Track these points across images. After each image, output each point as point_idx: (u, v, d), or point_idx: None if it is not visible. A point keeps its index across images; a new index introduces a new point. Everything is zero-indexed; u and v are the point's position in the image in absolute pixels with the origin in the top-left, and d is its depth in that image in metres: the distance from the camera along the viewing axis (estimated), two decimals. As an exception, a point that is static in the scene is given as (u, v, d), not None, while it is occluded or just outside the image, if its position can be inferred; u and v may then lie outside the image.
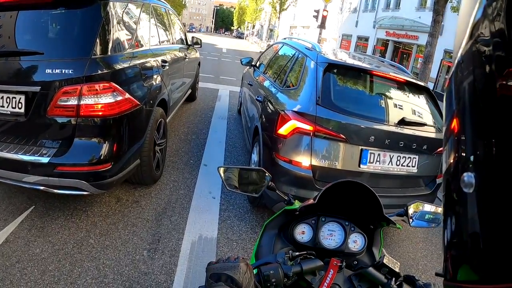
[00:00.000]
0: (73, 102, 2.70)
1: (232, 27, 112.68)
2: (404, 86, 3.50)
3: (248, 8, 74.57)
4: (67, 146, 2.78)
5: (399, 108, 3.39)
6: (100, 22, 2.91)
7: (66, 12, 2.98)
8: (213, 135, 6.01)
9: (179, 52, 5.42)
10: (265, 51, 6.45)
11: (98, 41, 2.84)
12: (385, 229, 1.47)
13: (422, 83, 3.58)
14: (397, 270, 1.06)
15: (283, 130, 3.12)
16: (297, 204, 1.32)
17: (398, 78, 3.42)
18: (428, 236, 4.00)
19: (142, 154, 3.45)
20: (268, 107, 3.79)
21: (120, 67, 3.00)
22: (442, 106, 0.58)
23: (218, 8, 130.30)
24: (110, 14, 3.01)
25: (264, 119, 3.80)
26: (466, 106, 0.49)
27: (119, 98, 2.87)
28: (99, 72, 2.77)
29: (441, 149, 3.36)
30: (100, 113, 2.78)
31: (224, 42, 42.63)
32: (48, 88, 2.71)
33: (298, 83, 3.49)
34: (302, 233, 1.26)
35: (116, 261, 2.79)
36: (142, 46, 3.69)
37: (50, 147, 2.81)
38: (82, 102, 2.71)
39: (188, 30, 54.74)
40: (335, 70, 3.34)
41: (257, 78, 5.28)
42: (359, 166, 3.09)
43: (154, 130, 3.68)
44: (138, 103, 3.16)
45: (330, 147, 3.05)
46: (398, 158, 3.20)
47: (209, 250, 3.07)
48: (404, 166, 3.25)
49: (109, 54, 2.93)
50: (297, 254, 1.08)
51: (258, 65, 5.99)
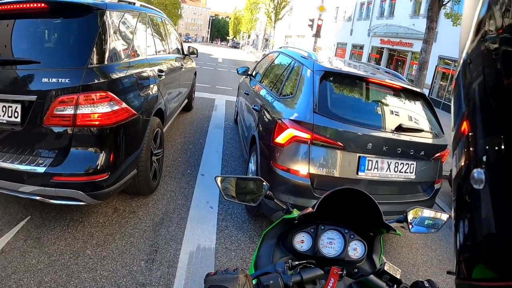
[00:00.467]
0: (69, 111, 2.69)
1: (227, 37, 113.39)
2: (400, 92, 3.52)
3: (243, 18, 75.20)
4: (64, 156, 2.77)
5: (396, 114, 3.40)
6: (96, 31, 2.92)
7: (63, 21, 2.99)
8: (210, 145, 6.00)
9: (176, 61, 5.43)
10: (261, 60, 6.48)
11: (94, 50, 2.85)
12: (384, 236, 1.46)
13: (418, 90, 3.60)
14: (398, 277, 1.05)
15: (281, 139, 3.11)
16: (295, 212, 1.31)
17: (394, 85, 3.43)
18: (427, 242, 4.00)
19: (139, 164, 3.43)
20: (265, 116, 3.79)
21: (116, 77, 2.99)
22: (450, 110, 0.58)
23: (214, 18, 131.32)
24: (106, 23, 3.02)
25: (261, 128, 3.80)
26: (477, 107, 0.48)
27: (116, 108, 2.86)
28: (96, 81, 2.77)
29: (438, 155, 3.37)
30: (96, 122, 2.77)
31: (219, 52, 42.84)
32: (44, 97, 2.71)
33: (295, 92, 3.49)
34: (301, 242, 1.25)
35: (113, 272, 2.76)
36: (138, 55, 3.69)
37: (47, 157, 2.79)
38: (78, 112, 2.70)
39: (184, 40, 55.00)
40: (332, 78, 3.35)
41: (253, 87, 5.29)
42: (357, 174, 3.09)
43: (151, 140, 3.67)
44: (135, 113, 3.15)
45: (328, 155, 3.05)
46: (396, 164, 3.20)
47: (207, 261, 3.04)
48: (402, 172, 3.25)
49: (105, 63, 2.93)
50: (296, 263, 1.07)
51: (254, 74, 6.01)
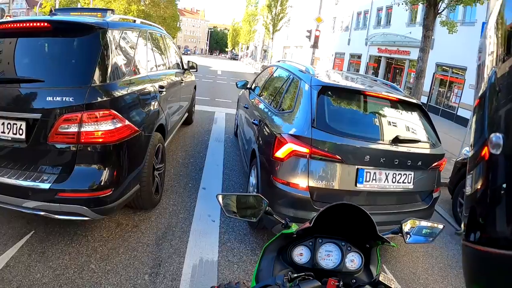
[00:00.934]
0: (73, 129, 2.76)
1: (226, 49, 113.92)
2: (397, 104, 3.58)
3: (241, 29, 75.61)
4: (68, 172, 2.82)
5: (393, 126, 3.47)
6: (99, 50, 3.00)
7: (66, 40, 3.07)
8: (210, 158, 6.05)
9: (176, 76, 5.51)
10: (260, 74, 6.56)
11: (97, 69, 2.92)
12: (383, 246, 1.52)
13: (414, 100, 3.67)
14: (392, 286, 1.11)
15: (280, 153, 3.18)
16: (294, 227, 1.36)
17: (390, 97, 3.50)
18: (428, 250, 4.04)
19: (141, 179, 3.48)
20: (264, 130, 3.86)
21: (119, 94, 3.06)
22: (470, 127, 0.64)
23: (212, 30, 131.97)
24: (108, 42, 3.10)
25: (261, 142, 3.86)
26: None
27: (119, 125, 2.93)
28: (99, 99, 2.83)
29: (435, 164, 3.43)
30: (100, 140, 2.83)
31: (218, 64, 43.06)
32: (49, 115, 2.77)
33: (293, 106, 3.56)
34: (300, 255, 1.30)
35: (118, 285, 2.80)
36: (140, 72, 3.77)
37: (51, 173, 2.85)
38: (82, 129, 2.76)
39: (183, 52, 55.32)
40: (329, 92, 3.43)
41: (252, 100, 5.36)
42: (356, 185, 3.15)
43: (153, 155, 3.73)
44: (137, 129, 3.22)
45: (326, 168, 3.11)
46: (394, 175, 3.26)
47: (210, 273, 3.08)
48: (400, 183, 3.30)
49: (108, 81, 2.99)
50: (295, 275, 1.12)
51: (253, 87, 6.09)
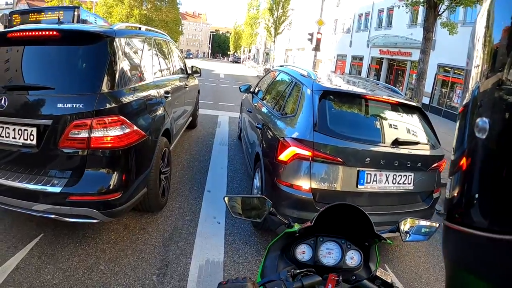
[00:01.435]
0: (83, 135, 2.84)
1: (228, 52, 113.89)
2: (397, 107, 3.65)
3: (243, 32, 75.66)
4: (78, 176, 2.90)
5: (394, 128, 3.54)
6: (107, 58, 3.09)
7: (75, 49, 3.15)
8: (215, 161, 6.12)
9: (180, 81, 5.60)
10: (263, 78, 6.63)
11: (106, 76, 3.01)
12: (384, 244, 1.58)
13: (414, 103, 3.74)
14: (389, 281, 1.19)
15: (283, 156, 3.26)
16: (296, 226, 1.43)
17: (391, 101, 3.58)
18: (429, 249, 4.10)
19: (148, 182, 3.56)
20: (268, 134, 3.94)
21: (127, 101, 3.15)
22: (455, 131, 0.68)
23: (214, 33, 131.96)
24: (116, 50, 3.19)
25: (264, 146, 3.94)
26: (478, 154, 0.58)
27: (127, 131, 3.02)
28: (108, 106, 2.92)
29: (435, 165, 3.50)
30: (109, 145, 2.92)
31: (221, 67, 43.06)
32: (59, 121, 2.85)
33: (296, 110, 3.64)
34: (303, 252, 1.37)
35: (126, 286, 2.88)
36: (146, 78, 3.85)
37: (61, 177, 2.93)
38: (92, 135, 2.85)
39: (185, 56, 55.32)
40: (331, 97, 3.51)
41: (256, 104, 5.44)
42: (357, 187, 3.23)
43: (160, 159, 3.81)
44: (145, 134, 3.30)
45: (328, 171, 3.20)
46: (394, 176, 3.33)
47: (216, 273, 3.15)
48: (400, 184, 3.37)
49: (116, 88, 3.08)
50: (298, 271, 1.18)
51: (256, 91, 6.16)
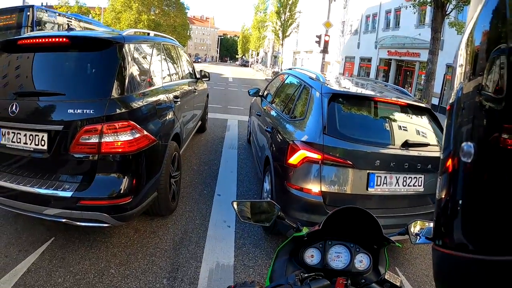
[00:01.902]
0: (94, 140, 2.87)
1: (236, 56, 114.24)
2: (406, 109, 3.63)
3: (251, 36, 75.84)
4: (89, 181, 2.94)
5: (403, 130, 3.52)
6: (117, 64, 3.13)
7: (85, 55, 3.21)
8: (224, 165, 6.14)
9: (189, 86, 5.63)
10: (271, 81, 6.65)
11: (116, 82, 3.04)
12: (395, 247, 1.58)
13: (423, 105, 3.72)
14: (398, 284, 1.18)
15: (293, 160, 3.26)
16: (304, 230, 1.43)
17: (400, 102, 3.56)
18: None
19: (159, 187, 3.58)
20: (277, 138, 3.93)
21: (137, 106, 3.18)
22: (443, 129, 0.68)
23: (222, 37, 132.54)
24: (125, 56, 3.23)
25: (274, 149, 3.94)
26: (461, 160, 0.58)
27: (137, 135, 3.05)
28: (118, 111, 2.95)
29: None
30: (120, 149, 2.94)
31: (229, 71, 43.15)
32: (70, 127, 2.89)
33: (305, 114, 3.64)
34: (311, 256, 1.37)
35: (137, 290, 2.90)
36: (155, 83, 3.89)
37: (72, 182, 2.96)
38: (103, 140, 2.88)
39: (193, 60, 55.63)
40: (340, 99, 3.50)
41: (265, 108, 5.44)
42: (367, 190, 3.21)
43: (170, 163, 3.83)
44: (155, 139, 3.32)
45: (338, 173, 3.19)
46: (404, 179, 3.31)
47: (226, 277, 3.15)
48: (411, 186, 3.34)
49: (126, 94, 3.11)
50: (306, 275, 1.17)
51: (265, 95, 6.17)
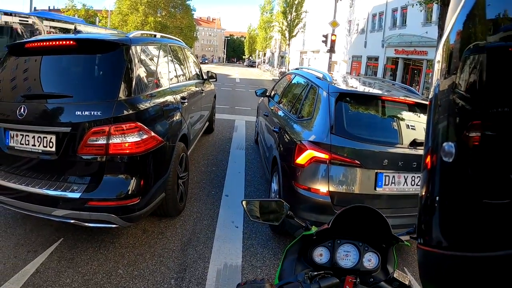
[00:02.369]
0: (102, 141, 2.89)
1: (243, 56, 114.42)
2: (414, 107, 3.60)
3: (258, 36, 75.89)
4: (97, 182, 2.95)
5: (411, 129, 3.49)
6: (124, 66, 3.14)
7: (92, 57, 3.23)
8: (232, 166, 6.14)
9: (196, 87, 5.65)
10: (278, 81, 6.64)
11: (123, 83, 3.06)
12: (404, 247, 1.57)
13: None
14: (406, 283, 1.18)
15: (301, 160, 3.25)
16: (313, 229, 1.43)
17: (407, 101, 3.54)
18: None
19: (166, 187, 3.59)
20: (285, 138, 3.93)
21: (144, 107, 3.19)
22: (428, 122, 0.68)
23: (229, 38, 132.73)
24: (132, 57, 3.24)
25: (281, 149, 3.93)
26: (438, 156, 0.60)
27: (145, 137, 3.06)
28: (125, 113, 2.96)
29: None
30: (127, 151, 2.96)
31: (236, 72, 43.27)
32: (78, 128, 2.91)
33: (312, 113, 3.63)
34: (320, 255, 1.37)
35: (145, 290, 2.91)
36: (162, 85, 3.90)
37: (81, 183, 2.99)
38: (110, 141, 2.89)
39: (200, 61, 55.87)
40: (347, 99, 3.49)
41: (272, 108, 5.44)
42: (375, 189, 3.19)
43: (177, 164, 3.84)
44: (162, 140, 3.34)
45: (346, 173, 3.17)
46: (413, 178, 3.28)
47: (234, 277, 3.15)
48: (419, 185, 3.31)
49: (133, 95, 3.13)
50: (315, 274, 1.17)
51: (272, 95, 6.17)
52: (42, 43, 3.26)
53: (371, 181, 3.19)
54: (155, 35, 4.79)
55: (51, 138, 2.99)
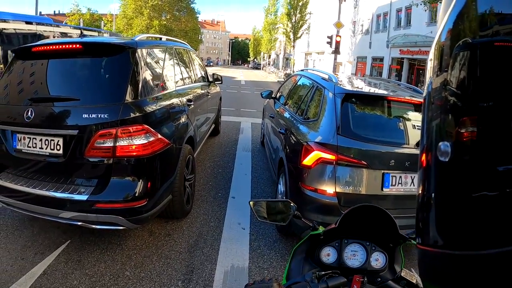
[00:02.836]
0: (109, 144, 2.90)
1: (248, 59, 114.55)
2: (420, 107, 3.58)
3: (262, 39, 75.90)
4: (104, 184, 2.97)
5: (417, 129, 3.46)
6: (130, 69, 3.16)
7: (99, 60, 3.26)
8: (238, 168, 6.14)
9: (202, 89, 5.67)
10: (284, 83, 6.64)
11: (129, 86, 3.07)
12: (411, 248, 1.56)
13: None
14: (414, 282, 1.18)
15: (307, 161, 3.25)
16: (321, 229, 1.42)
17: (413, 101, 3.52)
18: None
19: (173, 189, 3.60)
20: (291, 139, 3.93)
21: (150, 110, 3.21)
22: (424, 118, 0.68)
23: (234, 41, 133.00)
24: (138, 60, 3.26)
25: (288, 151, 3.94)
26: (432, 154, 0.61)
27: (152, 139, 3.07)
28: (132, 115, 2.97)
29: None
30: (134, 153, 2.97)
31: (242, 74, 43.33)
32: (85, 131, 2.93)
33: (318, 114, 3.63)
34: (328, 255, 1.37)
35: (152, 292, 2.91)
36: (168, 87, 3.92)
37: (88, 185, 3.00)
38: (117, 144, 2.90)
39: (206, 64, 56.04)
40: (353, 99, 3.48)
41: (278, 110, 5.44)
42: (382, 190, 3.18)
43: (184, 166, 3.85)
44: (169, 142, 3.34)
45: (353, 174, 3.16)
46: None
47: (241, 279, 3.15)
48: None
49: (140, 98, 3.14)
50: (323, 273, 1.17)
51: (278, 97, 6.17)
52: (48, 47, 3.29)
53: (378, 181, 3.18)
54: (161, 38, 4.81)
55: (58, 140, 3.01)
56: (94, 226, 3.03)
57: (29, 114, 3.02)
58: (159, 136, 3.17)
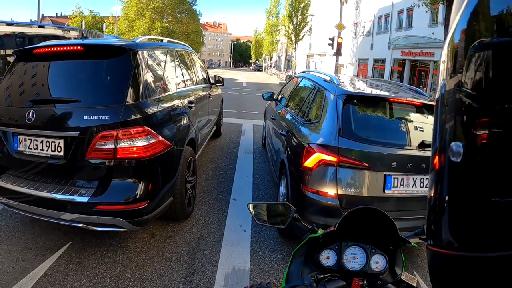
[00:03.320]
0: (110, 146, 2.90)
1: (250, 60, 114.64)
2: (422, 109, 3.57)
3: (264, 41, 75.99)
4: (105, 186, 2.96)
5: (419, 131, 3.46)
6: (131, 70, 3.15)
7: (100, 62, 3.25)
8: (240, 170, 6.13)
9: (203, 91, 5.66)
10: (285, 85, 6.64)
11: (130, 88, 3.06)
12: (412, 250, 1.55)
13: None
14: (414, 284, 1.17)
15: (309, 163, 3.24)
16: (320, 232, 1.42)
17: (415, 102, 3.51)
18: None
19: (174, 191, 3.60)
20: (292, 141, 3.92)
21: (151, 112, 3.20)
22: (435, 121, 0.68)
23: (235, 43, 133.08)
24: (139, 62, 3.25)
25: (289, 153, 3.93)
26: (446, 157, 0.60)
27: (153, 141, 3.06)
28: (133, 117, 2.97)
29: None
30: (135, 155, 2.97)
31: (243, 76, 43.32)
32: (86, 133, 2.92)
33: (320, 116, 3.62)
34: (327, 258, 1.36)
35: (153, 294, 2.90)
36: (169, 89, 3.91)
37: (89, 187, 3.00)
38: (118, 146, 2.90)
39: (207, 66, 56.10)
40: (354, 101, 3.47)
41: (279, 112, 5.43)
42: (384, 192, 3.17)
43: (185, 168, 3.84)
44: (170, 144, 3.34)
45: (354, 176, 3.15)
46: (422, 180, 3.25)
47: (242, 281, 3.14)
48: (428, 187, 3.27)
49: (141, 100, 3.14)
50: (322, 276, 1.17)
51: (279, 98, 6.17)
52: (50, 49, 3.29)
53: (380, 183, 3.16)
54: (162, 40, 4.81)
55: (59, 142, 3.01)
56: (95, 228, 3.02)
57: (30, 115, 3.02)
58: (160, 138, 3.17)
